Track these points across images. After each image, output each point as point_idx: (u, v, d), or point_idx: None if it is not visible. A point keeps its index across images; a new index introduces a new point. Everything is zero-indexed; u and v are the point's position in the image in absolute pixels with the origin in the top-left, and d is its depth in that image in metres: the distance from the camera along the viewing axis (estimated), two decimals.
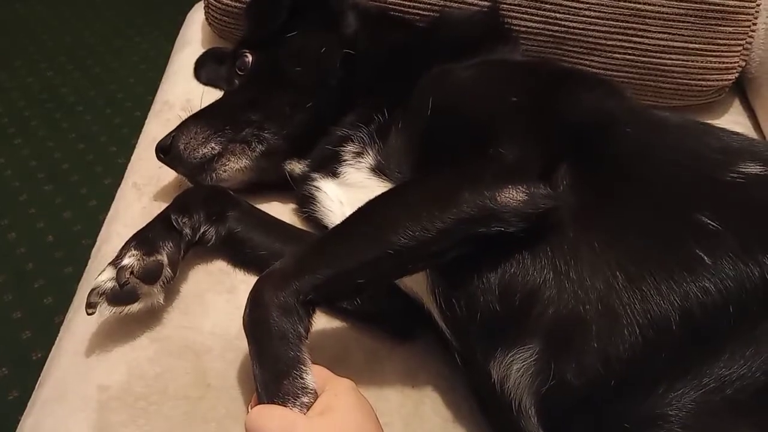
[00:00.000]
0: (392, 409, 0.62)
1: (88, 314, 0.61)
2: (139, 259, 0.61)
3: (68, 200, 1.63)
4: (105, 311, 0.60)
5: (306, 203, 0.73)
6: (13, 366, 1.28)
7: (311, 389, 0.50)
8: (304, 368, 0.51)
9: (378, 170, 0.67)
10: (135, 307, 0.61)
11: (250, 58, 0.78)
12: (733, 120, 0.96)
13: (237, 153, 0.74)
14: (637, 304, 0.50)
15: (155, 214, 0.73)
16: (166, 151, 0.73)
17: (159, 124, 0.88)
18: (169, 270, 0.63)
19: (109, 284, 0.60)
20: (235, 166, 0.75)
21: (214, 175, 0.74)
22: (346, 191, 0.70)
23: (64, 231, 1.54)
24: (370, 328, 0.68)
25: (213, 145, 0.73)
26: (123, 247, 0.64)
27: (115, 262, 0.62)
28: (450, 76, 0.67)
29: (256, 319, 0.52)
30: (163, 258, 0.63)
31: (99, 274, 0.61)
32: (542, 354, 0.52)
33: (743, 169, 0.55)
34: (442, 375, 0.65)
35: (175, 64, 0.97)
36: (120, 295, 0.60)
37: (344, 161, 0.70)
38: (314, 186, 0.72)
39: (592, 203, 0.55)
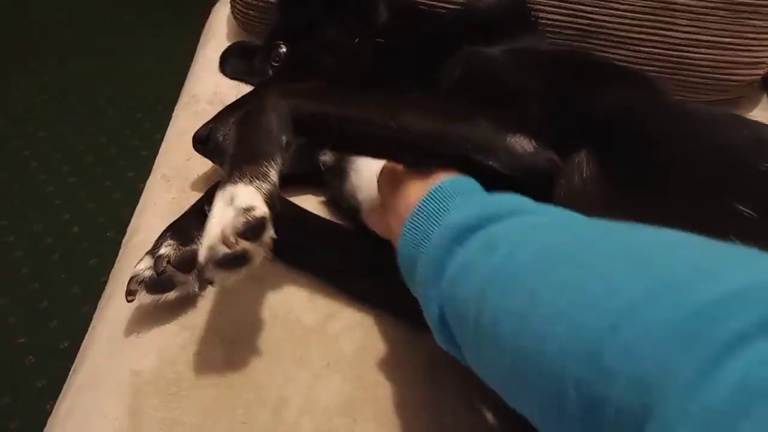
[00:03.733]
0: (419, 400, 0.62)
1: (128, 301, 0.62)
2: (175, 249, 0.63)
3: (92, 193, 1.65)
4: (144, 299, 0.62)
5: (338, 190, 0.73)
6: (40, 355, 1.30)
7: (272, 182, 0.52)
8: (271, 165, 0.52)
9: None
10: (171, 295, 0.63)
11: (284, 49, 0.79)
12: (762, 116, 0.95)
13: None
14: None
15: (184, 206, 0.74)
16: (203, 142, 0.74)
17: (187, 117, 0.89)
18: None
19: (148, 273, 0.62)
20: None
21: None
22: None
23: (88, 223, 1.57)
24: (398, 320, 0.68)
25: None
26: (159, 237, 0.65)
27: (153, 252, 0.63)
28: (479, 55, 0.67)
29: (251, 112, 0.56)
30: (198, 248, 0.64)
31: (137, 263, 0.63)
32: None
33: None
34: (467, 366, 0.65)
35: (201, 58, 0.98)
36: (158, 284, 0.62)
37: None
38: (349, 167, 0.71)
39: (621, 192, 0.55)
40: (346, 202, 0.74)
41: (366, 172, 0.67)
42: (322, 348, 0.65)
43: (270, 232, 0.50)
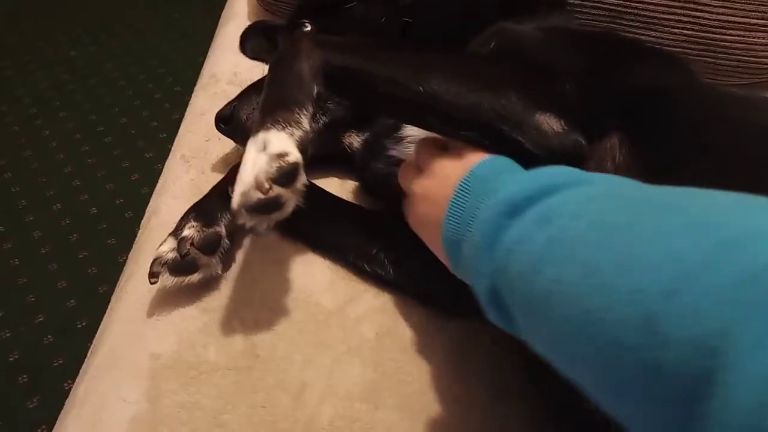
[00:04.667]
0: (442, 386, 0.61)
1: (151, 283, 0.62)
2: (198, 231, 0.62)
3: (111, 173, 1.65)
4: (167, 280, 0.62)
5: (365, 172, 0.72)
6: (58, 334, 1.31)
7: (305, 128, 0.52)
8: (303, 112, 0.53)
9: None
10: (195, 277, 0.63)
11: (309, 28, 0.77)
12: None
13: None
14: None
15: (203, 187, 0.74)
16: (226, 121, 0.73)
17: (206, 97, 0.88)
18: (227, 241, 0.64)
19: (171, 255, 0.61)
20: None
21: None
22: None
23: (107, 203, 1.57)
24: (421, 305, 0.67)
25: None
26: (182, 218, 0.64)
27: (176, 233, 0.63)
28: (509, 31, 0.65)
29: (284, 57, 0.57)
30: (221, 229, 0.64)
31: (160, 244, 0.62)
32: None
33: None
34: (492, 353, 0.64)
35: (221, 38, 0.96)
36: (181, 265, 0.61)
37: (405, 128, 0.68)
38: (377, 153, 0.70)
39: (655, 180, 0.53)
40: (374, 188, 0.73)
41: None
42: (343, 332, 0.64)
43: (303, 179, 0.51)
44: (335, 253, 0.70)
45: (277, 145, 0.50)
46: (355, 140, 0.74)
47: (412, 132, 0.68)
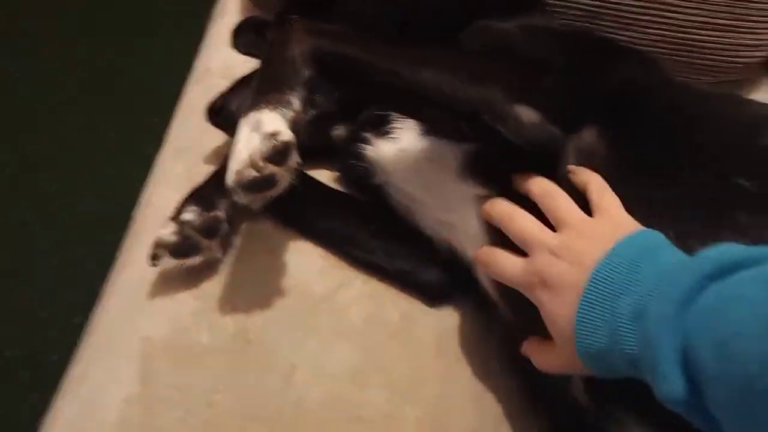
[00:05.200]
0: (427, 369, 0.64)
1: (153, 265, 0.64)
2: (198, 215, 0.65)
3: (106, 165, 1.65)
4: (168, 263, 0.64)
5: (352, 164, 0.74)
6: (57, 330, 1.32)
7: (296, 109, 0.55)
8: (294, 93, 0.56)
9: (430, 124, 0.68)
10: (196, 260, 0.65)
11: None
12: (764, 98, 0.96)
13: None
14: None
15: (195, 179, 0.75)
16: (217, 112, 0.75)
17: (199, 91, 0.89)
18: (227, 225, 0.67)
19: (172, 237, 0.64)
20: None
21: None
22: (399, 150, 0.70)
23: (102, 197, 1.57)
24: (409, 291, 0.70)
25: None
26: (182, 203, 0.67)
27: (176, 218, 0.65)
28: (493, 28, 0.68)
29: (275, 43, 0.59)
30: (221, 214, 0.66)
31: (162, 228, 0.64)
32: None
33: None
34: (475, 336, 0.67)
35: (213, 33, 0.98)
36: (182, 248, 0.64)
37: (393, 120, 0.70)
38: (365, 146, 0.73)
39: (627, 170, 0.57)
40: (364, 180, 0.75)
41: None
42: (332, 317, 0.67)
43: (295, 157, 0.53)
44: (327, 240, 0.72)
45: (269, 124, 0.53)
46: (344, 132, 0.77)
47: (397, 127, 0.70)
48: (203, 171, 0.76)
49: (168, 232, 0.64)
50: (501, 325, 0.62)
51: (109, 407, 0.58)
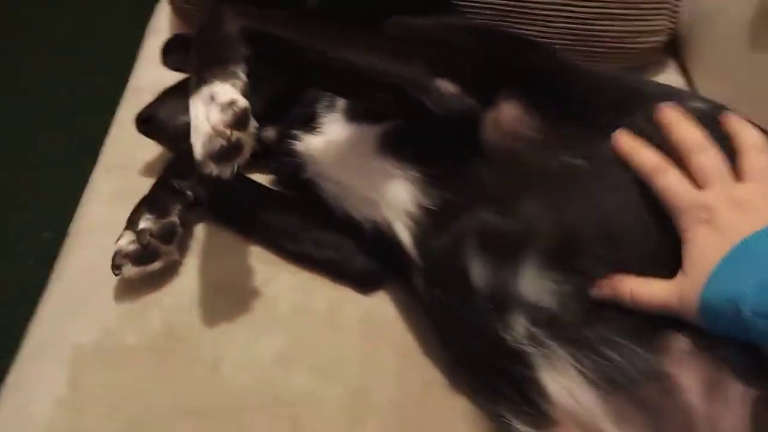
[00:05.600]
0: (351, 351, 0.68)
1: (115, 275, 0.67)
2: (154, 222, 0.68)
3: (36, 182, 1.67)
4: (129, 271, 0.67)
5: (284, 163, 0.77)
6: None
7: (243, 80, 0.57)
8: (238, 66, 0.57)
9: (353, 111, 0.72)
10: (156, 265, 0.68)
11: None
12: (670, 80, 1.02)
13: None
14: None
15: (126, 193, 0.79)
16: (146, 121, 0.78)
17: (131, 109, 0.91)
18: (182, 229, 0.70)
19: (132, 246, 0.66)
20: None
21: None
22: (326, 141, 0.74)
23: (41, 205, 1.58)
24: (336, 280, 0.74)
25: None
26: (134, 213, 0.69)
27: (132, 227, 0.68)
28: (408, 21, 0.73)
29: (207, 27, 0.62)
30: (176, 219, 0.69)
31: (119, 239, 0.67)
32: (548, 260, 0.57)
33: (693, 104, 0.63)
34: (400, 318, 0.71)
35: (145, 51, 1.02)
36: (143, 256, 0.67)
37: (319, 115, 0.74)
38: (294, 143, 0.76)
39: (542, 139, 0.62)
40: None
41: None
42: (260, 310, 0.69)
43: (254, 122, 0.56)
44: (261, 234, 0.76)
45: (224, 95, 0.55)
46: (272, 132, 0.80)
47: (324, 120, 0.74)
48: (134, 186, 0.80)
49: (126, 242, 0.67)
50: (427, 295, 0.66)
51: (40, 410, 0.61)
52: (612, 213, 0.57)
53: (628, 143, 0.57)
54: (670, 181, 0.53)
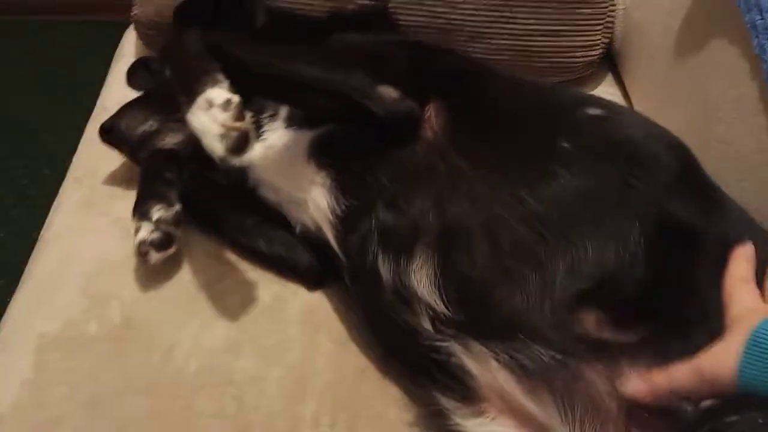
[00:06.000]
0: (292, 339, 0.74)
1: (143, 262, 0.73)
2: (166, 211, 0.73)
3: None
4: (154, 258, 0.72)
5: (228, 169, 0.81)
6: None
7: (227, 82, 0.64)
8: (218, 74, 0.64)
9: (292, 120, 0.79)
10: (172, 250, 0.74)
11: None
12: (606, 91, 1.09)
13: (173, 129, 0.85)
14: (512, 209, 0.61)
15: (94, 202, 0.86)
16: (109, 131, 0.85)
17: (96, 127, 0.99)
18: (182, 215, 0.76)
19: (154, 235, 0.72)
20: (173, 141, 0.85)
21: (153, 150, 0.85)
22: (265, 148, 0.79)
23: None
24: (284, 275, 0.80)
25: (151, 122, 0.84)
26: (140, 205, 0.75)
27: (146, 218, 0.73)
28: (349, 37, 0.82)
29: (175, 46, 0.71)
30: (179, 206, 0.75)
31: (138, 231, 0.72)
32: (433, 256, 0.63)
33: (588, 112, 0.71)
34: (338, 311, 0.77)
35: (113, 74, 1.09)
36: (164, 242, 0.72)
37: (263, 125, 0.80)
38: None
39: (465, 133, 0.69)
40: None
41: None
42: (211, 303, 0.76)
43: (249, 113, 0.63)
44: (217, 229, 0.82)
45: (219, 96, 0.62)
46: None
47: (267, 129, 0.80)
48: (99, 195, 0.87)
49: (147, 232, 0.72)
50: (353, 289, 0.73)
51: (6, 392, 0.67)
52: (491, 213, 0.62)
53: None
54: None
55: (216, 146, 0.61)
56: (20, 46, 2.23)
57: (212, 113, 0.62)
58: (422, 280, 0.63)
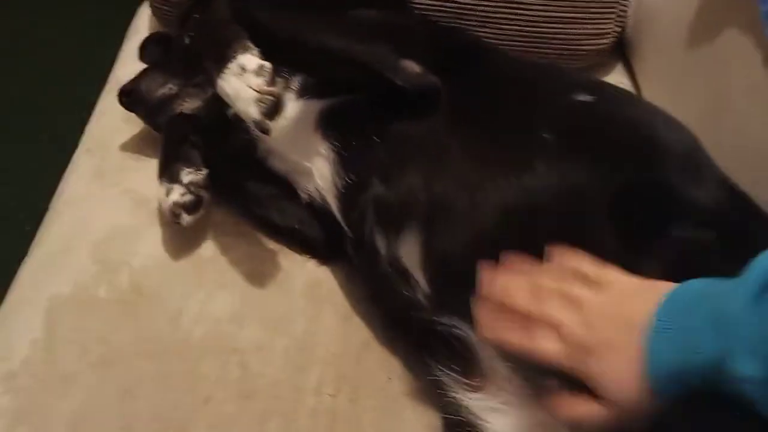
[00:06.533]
0: (298, 311, 0.75)
1: (175, 224, 0.73)
2: (195, 174, 0.74)
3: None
4: (186, 219, 0.73)
5: (241, 139, 0.83)
6: None
7: (257, 49, 0.65)
8: (245, 39, 0.66)
9: (305, 90, 0.78)
10: (201, 212, 0.74)
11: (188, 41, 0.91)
12: (616, 81, 1.09)
13: (192, 94, 0.86)
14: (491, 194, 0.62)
15: (106, 171, 0.87)
16: (128, 94, 0.86)
17: (110, 99, 1.00)
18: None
19: (186, 198, 0.72)
20: (191, 106, 0.86)
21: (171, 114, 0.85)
22: (285, 119, 0.77)
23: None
24: (293, 247, 0.81)
25: (171, 86, 0.85)
26: (167, 169, 0.75)
27: (176, 181, 0.73)
28: (361, 15, 0.82)
29: (206, 18, 0.75)
30: (205, 169, 0.75)
31: (168, 194, 0.73)
32: (423, 230, 0.64)
33: (577, 98, 0.71)
34: (343, 285, 0.78)
35: (126, 49, 1.10)
36: (195, 205, 0.73)
37: None
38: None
39: (458, 114, 0.69)
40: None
41: None
42: (218, 273, 0.77)
43: (279, 79, 0.64)
44: (231, 197, 0.83)
45: (251, 63, 0.64)
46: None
47: None
48: (111, 165, 0.89)
49: (178, 194, 0.72)
50: (356, 261, 0.74)
51: (19, 348, 0.69)
52: (473, 197, 0.62)
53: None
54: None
55: (251, 110, 0.62)
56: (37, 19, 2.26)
57: (246, 78, 0.63)
58: (409, 255, 0.65)
